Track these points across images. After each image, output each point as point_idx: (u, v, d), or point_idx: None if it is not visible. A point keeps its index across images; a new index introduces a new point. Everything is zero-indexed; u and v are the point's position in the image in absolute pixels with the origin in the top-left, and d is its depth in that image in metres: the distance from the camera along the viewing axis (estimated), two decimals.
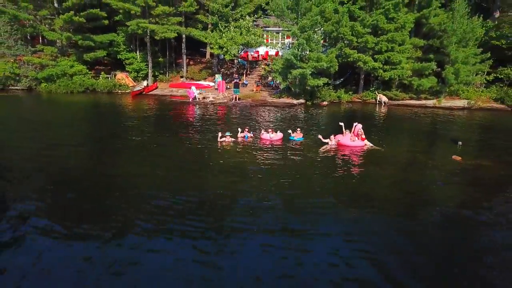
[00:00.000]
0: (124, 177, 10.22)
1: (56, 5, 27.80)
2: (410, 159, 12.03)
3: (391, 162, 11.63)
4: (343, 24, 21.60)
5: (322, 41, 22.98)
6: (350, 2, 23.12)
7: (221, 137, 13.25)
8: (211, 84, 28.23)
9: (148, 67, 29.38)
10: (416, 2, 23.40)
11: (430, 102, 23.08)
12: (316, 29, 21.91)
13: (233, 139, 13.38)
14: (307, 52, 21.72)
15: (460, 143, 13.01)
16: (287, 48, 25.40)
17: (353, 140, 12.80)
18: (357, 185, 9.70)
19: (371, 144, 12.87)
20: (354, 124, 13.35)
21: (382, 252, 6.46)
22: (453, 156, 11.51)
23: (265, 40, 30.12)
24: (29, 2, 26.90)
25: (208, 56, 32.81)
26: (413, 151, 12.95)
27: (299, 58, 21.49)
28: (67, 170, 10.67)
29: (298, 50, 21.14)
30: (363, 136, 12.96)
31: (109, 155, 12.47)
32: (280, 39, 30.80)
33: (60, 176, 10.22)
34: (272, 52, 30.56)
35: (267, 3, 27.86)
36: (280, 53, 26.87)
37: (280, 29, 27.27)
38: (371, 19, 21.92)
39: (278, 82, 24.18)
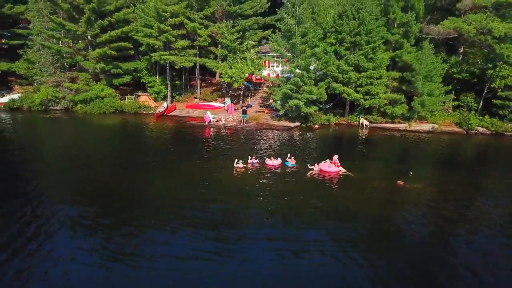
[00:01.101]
0: (151, 191, 15.34)
1: (90, 38, 32.82)
2: (369, 182, 16.96)
3: (356, 184, 16.67)
4: (331, 63, 26.66)
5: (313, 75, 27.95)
6: (337, 44, 28.12)
7: (236, 163, 18.33)
8: (221, 105, 33.46)
9: (167, 90, 34.47)
10: (392, 43, 28.34)
11: (403, 126, 28.16)
12: (309, 67, 26.92)
13: (244, 165, 18.46)
14: (302, 85, 26.74)
15: (410, 173, 17.91)
16: (286, 73, 30.25)
17: (330, 167, 17.88)
18: (331, 201, 14.77)
19: (344, 170, 17.93)
20: (334, 156, 18.38)
21: (349, 248, 11.56)
22: (398, 181, 16.58)
23: (266, 67, 35.19)
24: (69, 37, 31.99)
25: (217, 77, 37.78)
26: (374, 176, 17.87)
27: (294, 91, 26.53)
28: (100, 181, 15.89)
29: (293, 85, 26.16)
30: (338, 164, 18.03)
31: (138, 172, 17.57)
32: (280, 64, 35.80)
33: (93, 184, 15.47)
34: (273, 74, 35.65)
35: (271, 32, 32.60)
36: (280, 75, 31.75)
37: (281, 55, 32.20)
38: (353, 59, 26.99)
39: (278, 109, 29.20)
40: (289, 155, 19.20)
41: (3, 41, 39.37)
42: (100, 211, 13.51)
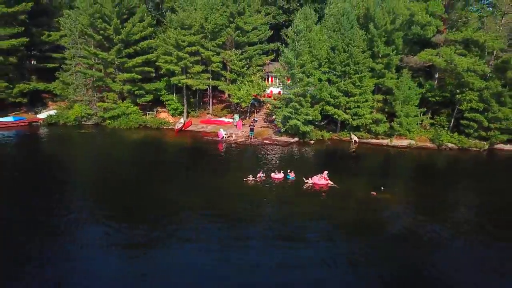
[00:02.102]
0: (170, 197, 20.39)
1: (117, 62, 38.00)
2: (349, 193, 22.18)
3: (340, 195, 21.86)
4: (324, 90, 31.90)
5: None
6: (330, 72, 33.33)
7: (247, 178, 23.53)
8: (231, 120, 38.74)
9: (184, 107, 39.70)
10: (377, 71, 33.47)
11: (385, 141, 33.43)
12: (306, 93, 32.15)
13: (254, 179, 23.67)
14: (300, 108, 31.97)
15: (382, 188, 23.02)
16: (287, 89, 35.14)
17: (320, 180, 23.12)
18: (320, 208, 20.00)
19: (332, 183, 23.15)
20: (324, 171, 23.59)
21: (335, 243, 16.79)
22: (372, 192, 21.82)
23: (270, 83, 40.52)
24: (100, 63, 37.26)
25: (226, 95, 42.95)
26: (354, 188, 23.03)
27: (294, 113, 31.77)
28: (125, 185, 21.05)
29: (292, 108, 31.40)
30: (327, 178, 23.24)
31: (161, 181, 22.72)
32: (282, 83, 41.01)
33: (118, 188, 20.58)
34: (276, 90, 41.01)
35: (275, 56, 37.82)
36: (282, 93, 36.85)
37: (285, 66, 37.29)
38: (343, 86, 32.24)
39: (279, 126, 34.45)
40: (289, 170, 24.44)
41: (33, 62, 44.68)
42: (123, 209, 18.69)
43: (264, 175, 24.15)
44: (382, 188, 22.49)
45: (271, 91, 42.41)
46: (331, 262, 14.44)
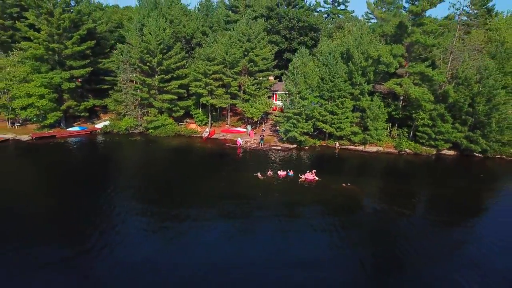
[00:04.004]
0: (201, 188, 32.18)
1: (159, 86, 49.52)
2: (330, 185, 33.76)
3: (323, 186, 33.47)
4: (315, 110, 43.54)
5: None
6: (320, 97, 44.90)
7: (256, 174, 35.08)
8: (245, 130, 50.42)
9: (208, 119, 51.34)
10: (355, 95, 44.96)
11: (360, 148, 45.09)
12: (302, 112, 43.75)
13: (261, 175, 35.19)
14: (297, 123, 43.57)
15: (349, 184, 34.51)
16: (287, 109, 46.71)
17: (310, 175, 34.74)
18: (309, 195, 31.62)
19: (318, 178, 34.78)
20: (313, 170, 35.21)
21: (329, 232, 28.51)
22: (343, 184, 33.44)
23: (275, 100, 52.19)
24: (145, 86, 48.85)
25: (240, 109, 54.42)
26: (332, 181, 34.66)
27: (292, 127, 43.41)
28: (167, 181, 32.78)
29: (291, 124, 43.06)
30: (314, 174, 34.86)
31: (193, 177, 34.40)
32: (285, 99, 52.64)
33: (159, 184, 32.30)
34: (279, 104, 52.67)
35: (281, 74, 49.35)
36: (283, 108, 48.40)
37: (286, 92, 48.90)
38: (330, 107, 43.85)
39: (282, 135, 46.13)
40: (289, 169, 36.07)
41: (79, 82, 56.19)
42: (165, 196, 30.41)
43: (272, 172, 35.88)
44: (349, 184, 34.02)
45: (275, 107, 54.21)
46: (316, 227, 26.03)
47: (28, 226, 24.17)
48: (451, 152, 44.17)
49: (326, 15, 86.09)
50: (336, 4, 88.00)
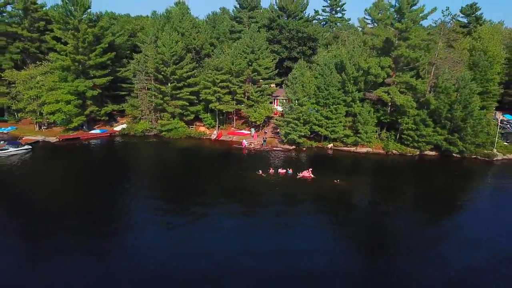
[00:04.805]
0: (210, 183, 37.76)
1: (172, 93, 55.01)
2: (323, 181, 39.24)
3: (318, 182, 38.98)
4: (312, 116, 49.05)
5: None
6: (316, 103, 50.38)
7: (257, 171, 40.62)
8: (249, 132, 55.97)
9: (216, 122, 56.88)
10: (347, 102, 50.39)
11: (352, 149, 50.61)
12: (300, 117, 49.24)
13: (262, 173, 40.69)
14: (295, 127, 49.08)
15: (339, 180, 39.93)
16: (287, 114, 52.23)
17: (307, 173, 40.22)
18: (306, 190, 37.14)
19: (313, 176, 40.29)
20: (309, 168, 40.72)
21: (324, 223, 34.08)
22: (335, 181, 38.94)
23: (275, 105, 57.81)
24: (160, 94, 54.40)
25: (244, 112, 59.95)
26: (326, 178, 40.11)
27: (291, 130, 48.94)
28: (179, 177, 38.34)
29: (290, 128, 48.59)
30: (310, 172, 40.35)
31: (204, 173, 40.02)
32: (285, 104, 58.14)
33: (174, 178, 37.87)
34: (279, 109, 58.23)
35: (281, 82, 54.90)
36: (283, 112, 53.95)
37: (285, 98, 54.44)
38: (325, 113, 49.37)
39: (282, 138, 51.67)
40: (288, 167, 41.55)
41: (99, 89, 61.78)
42: (177, 189, 35.97)
43: (273, 170, 41.41)
44: (339, 180, 39.38)
45: (276, 111, 59.81)
46: (311, 213, 31.69)
47: (59, 217, 29.63)
48: (433, 153, 49.60)
49: (324, 23, 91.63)
50: (333, 12, 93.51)
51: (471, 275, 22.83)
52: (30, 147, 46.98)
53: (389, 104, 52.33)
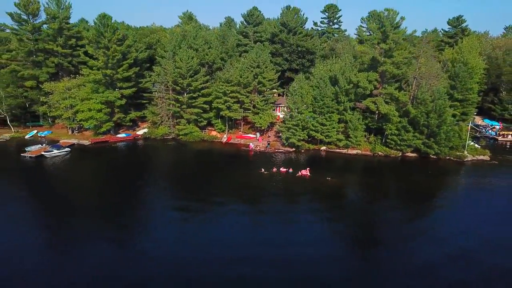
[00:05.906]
0: (221, 180, 45.93)
1: (188, 102, 63.14)
2: (319, 179, 47.40)
3: (314, 179, 47.14)
4: (309, 124, 57.26)
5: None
6: (313, 111, 58.53)
7: (260, 170, 48.78)
8: (254, 136, 64.24)
9: (226, 127, 65.08)
10: (340, 110, 58.52)
11: (344, 151, 58.80)
12: (299, 124, 57.41)
13: (265, 171, 48.88)
14: (295, 132, 57.25)
15: (331, 178, 48.09)
16: (289, 118, 60.32)
17: (305, 171, 48.39)
18: (304, 186, 45.30)
19: (310, 174, 48.45)
20: (307, 168, 48.86)
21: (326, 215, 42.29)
22: (327, 178, 47.09)
23: (278, 111, 66.04)
24: (177, 103, 62.60)
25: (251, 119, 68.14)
26: (321, 176, 48.26)
27: (292, 135, 57.13)
28: (194, 175, 46.56)
29: (291, 133, 56.81)
30: (308, 171, 48.52)
31: (215, 172, 48.25)
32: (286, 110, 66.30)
33: (190, 176, 46.07)
34: (281, 115, 66.46)
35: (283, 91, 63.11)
36: (283, 118, 62.14)
37: (286, 105, 62.51)
38: (320, 120, 57.56)
39: (284, 141, 59.89)
40: (289, 167, 49.71)
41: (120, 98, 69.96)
42: (192, 186, 44.18)
43: (276, 169, 49.58)
44: (331, 178, 47.53)
45: (278, 116, 68.07)
46: (310, 206, 39.91)
47: (90, 211, 37.93)
48: (413, 155, 57.77)
49: (321, 34, 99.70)
50: (331, 24, 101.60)
51: (437, 263, 28.41)
52: (69, 149, 55.26)
53: (376, 112, 60.49)
